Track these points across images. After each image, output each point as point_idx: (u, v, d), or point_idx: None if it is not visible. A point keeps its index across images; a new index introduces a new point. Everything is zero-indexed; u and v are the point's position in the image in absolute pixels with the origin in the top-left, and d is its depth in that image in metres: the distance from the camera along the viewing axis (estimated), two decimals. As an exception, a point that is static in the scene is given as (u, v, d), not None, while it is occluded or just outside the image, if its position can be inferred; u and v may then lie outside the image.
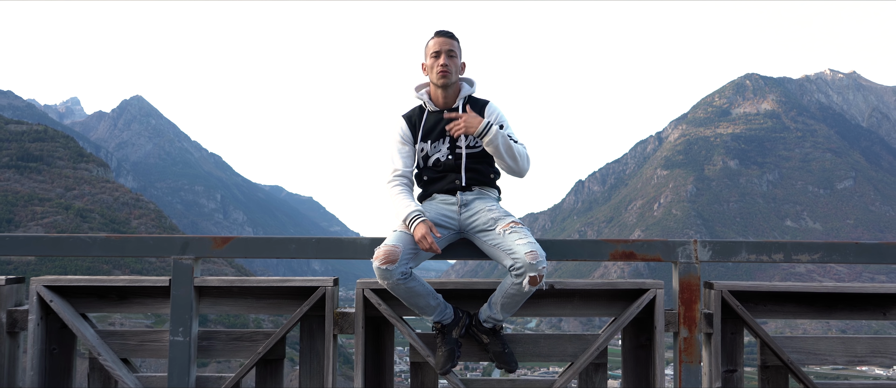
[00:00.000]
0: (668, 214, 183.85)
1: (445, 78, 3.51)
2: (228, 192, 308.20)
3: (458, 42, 3.58)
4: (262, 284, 3.68)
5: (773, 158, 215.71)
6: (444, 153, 3.56)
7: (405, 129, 3.62)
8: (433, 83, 3.57)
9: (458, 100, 3.60)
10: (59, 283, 3.68)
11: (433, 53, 3.53)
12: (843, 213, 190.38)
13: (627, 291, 3.65)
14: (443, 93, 3.57)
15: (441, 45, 3.53)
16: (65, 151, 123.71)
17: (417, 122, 3.62)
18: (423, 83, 3.68)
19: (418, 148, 3.59)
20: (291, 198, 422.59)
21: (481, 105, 3.62)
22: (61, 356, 3.74)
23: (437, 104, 3.61)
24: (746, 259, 3.62)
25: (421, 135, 3.58)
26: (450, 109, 3.59)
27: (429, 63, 3.56)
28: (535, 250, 3.21)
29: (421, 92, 3.64)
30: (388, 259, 3.23)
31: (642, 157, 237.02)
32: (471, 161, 3.55)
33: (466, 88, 3.63)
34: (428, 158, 3.58)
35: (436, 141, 3.56)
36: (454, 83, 3.57)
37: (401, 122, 3.64)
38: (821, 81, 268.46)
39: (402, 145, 3.59)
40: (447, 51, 3.52)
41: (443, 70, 3.50)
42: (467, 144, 3.54)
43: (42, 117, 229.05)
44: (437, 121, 3.58)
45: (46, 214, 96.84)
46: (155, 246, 3.66)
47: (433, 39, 3.57)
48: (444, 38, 3.54)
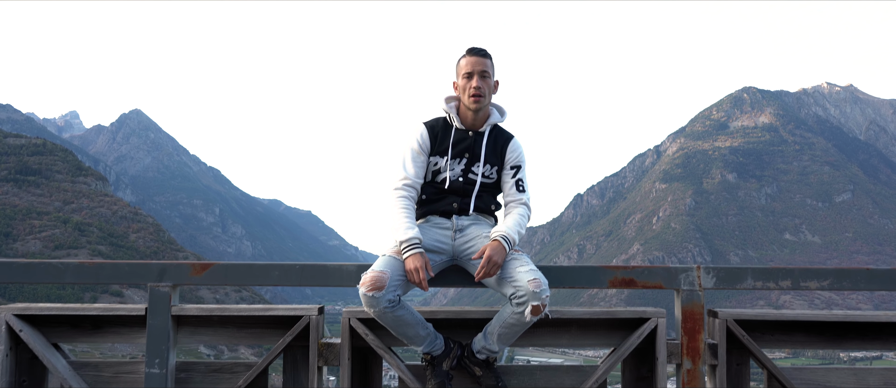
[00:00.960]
0: (667, 227, 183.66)
1: (478, 102, 3.34)
2: (227, 206, 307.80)
3: (491, 60, 3.39)
4: (244, 313, 3.50)
5: (772, 171, 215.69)
6: (457, 174, 3.38)
7: (426, 137, 3.41)
8: (465, 104, 3.39)
9: (485, 125, 3.43)
10: (29, 312, 3.49)
11: (465, 74, 3.35)
12: (842, 226, 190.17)
13: (627, 320, 3.48)
14: (472, 115, 3.40)
15: (474, 65, 3.34)
16: (63, 164, 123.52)
17: (440, 134, 3.42)
18: (454, 96, 3.49)
19: (432, 161, 3.41)
20: (290, 212, 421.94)
21: (506, 138, 3.48)
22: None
23: (465, 123, 3.43)
24: (752, 286, 3.44)
25: (439, 150, 3.40)
26: (476, 131, 3.42)
27: (461, 84, 3.38)
28: (538, 277, 3.04)
29: (450, 104, 3.46)
30: (375, 286, 3.05)
31: (641, 170, 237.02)
32: (481, 189, 3.40)
33: (496, 116, 3.46)
34: (437, 175, 3.41)
35: (452, 160, 3.38)
36: (485, 106, 3.40)
37: (422, 129, 3.43)
38: (818, 95, 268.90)
39: (418, 154, 3.39)
40: (480, 71, 3.33)
41: (476, 93, 3.32)
42: (484, 172, 3.38)
43: (41, 131, 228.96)
44: (460, 140, 3.40)
45: (44, 227, 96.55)
46: (130, 273, 3.48)
47: (465, 58, 3.38)
48: (477, 58, 3.35)
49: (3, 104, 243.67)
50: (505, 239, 3.19)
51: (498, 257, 3.13)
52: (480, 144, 3.41)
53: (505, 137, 3.48)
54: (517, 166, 3.46)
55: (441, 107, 3.46)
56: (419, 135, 3.41)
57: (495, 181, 3.47)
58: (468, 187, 3.40)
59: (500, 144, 3.46)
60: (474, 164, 3.40)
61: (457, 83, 3.42)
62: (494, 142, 3.45)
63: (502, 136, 3.49)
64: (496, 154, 3.44)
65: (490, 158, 3.42)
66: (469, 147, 3.40)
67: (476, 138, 3.41)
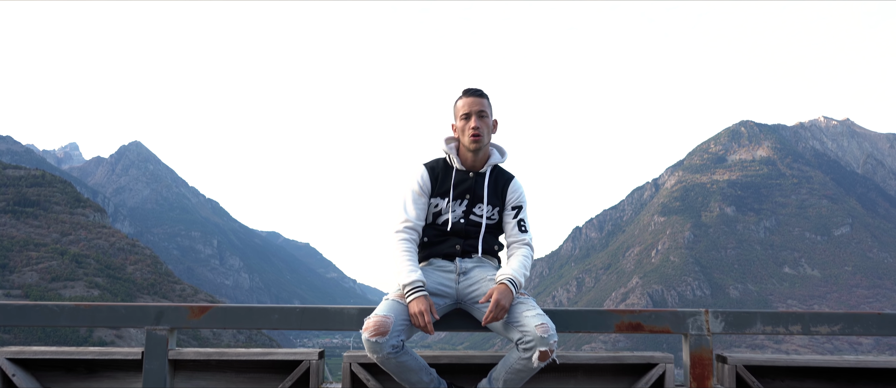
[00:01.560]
0: (666, 260, 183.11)
1: (477, 142, 3.31)
2: (225, 238, 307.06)
3: (488, 100, 3.37)
4: (242, 357, 3.42)
5: (770, 204, 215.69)
6: (458, 216, 3.34)
7: (426, 179, 3.38)
8: (464, 145, 3.36)
9: (485, 165, 3.40)
10: (22, 356, 3.42)
11: (463, 115, 3.33)
12: (841, 260, 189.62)
13: (635, 365, 3.40)
14: (472, 156, 3.37)
15: (471, 105, 3.32)
16: (62, 196, 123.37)
17: (441, 175, 3.39)
18: (453, 137, 3.47)
19: (432, 203, 3.37)
20: (288, 244, 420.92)
21: (507, 179, 3.45)
22: (23, 434, 3.46)
23: (465, 164, 3.40)
24: (761, 331, 3.37)
25: (440, 191, 3.36)
26: (476, 172, 3.39)
27: (459, 125, 3.36)
28: (545, 322, 2.98)
29: (450, 146, 3.43)
30: (378, 331, 2.98)
31: (639, 203, 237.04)
32: (485, 231, 3.36)
33: (496, 156, 3.44)
34: (438, 216, 3.36)
35: (454, 201, 3.34)
36: (485, 146, 3.37)
37: (422, 170, 3.40)
38: (815, 128, 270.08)
39: (419, 196, 3.35)
40: (477, 111, 3.31)
41: (475, 134, 3.29)
42: (487, 214, 3.34)
43: (40, 162, 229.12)
44: (461, 181, 3.37)
45: (42, 259, 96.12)
46: (127, 316, 3.41)
47: (462, 99, 3.36)
48: (474, 98, 3.33)
49: (3, 136, 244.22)
50: (511, 282, 3.14)
51: (505, 300, 3.07)
52: (482, 185, 3.37)
53: (505, 178, 3.45)
54: (519, 207, 3.42)
55: (441, 148, 3.44)
56: (420, 177, 3.38)
57: (498, 222, 3.43)
58: (470, 229, 3.35)
59: (501, 184, 3.43)
60: (476, 205, 3.36)
61: (455, 125, 3.40)
62: (495, 183, 3.42)
63: (503, 176, 3.45)
64: (497, 195, 3.41)
65: (492, 199, 3.38)
66: (470, 188, 3.36)
67: (477, 179, 3.38)
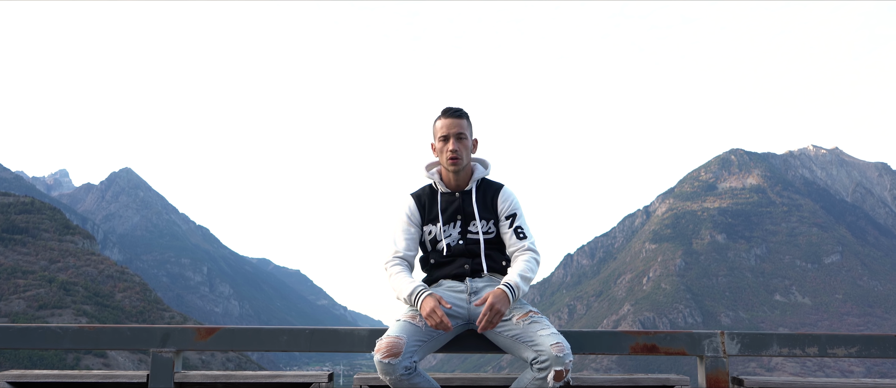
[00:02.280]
0: (658, 288, 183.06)
1: (456, 164, 3.29)
2: (215, 264, 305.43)
3: (467, 120, 3.35)
4: (250, 380, 3.35)
5: (761, 232, 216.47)
6: (454, 238, 3.31)
7: (414, 208, 3.37)
8: (443, 167, 3.35)
9: (470, 182, 3.37)
10: (24, 379, 3.34)
11: (441, 137, 3.31)
12: (832, 287, 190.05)
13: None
14: (454, 176, 3.35)
15: (449, 127, 3.29)
16: (51, 223, 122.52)
17: (427, 202, 3.37)
18: (434, 162, 3.46)
19: (426, 230, 3.35)
20: (279, 271, 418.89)
21: (495, 189, 3.40)
22: (23, 460, 3.37)
23: (449, 186, 3.38)
24: (778, 353, 3.33)
25: (430, 217, 3.34)
26: (462, 191, 3.36)
27: (438, 146, 3.34)
28: (561, 342, 2.93)
29: (432, 171, 3.41)
30: (390, 352, 2.93)
31: (630, 231, 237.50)
32: (487, 247, 3.31)
33: (480, 171, 3.41)
34: (436, 242, 3.33)
35: (446, 224, 3.32)
36: (465, 167, 3.35)
37: (409, 201, 3.39)
38: (804, 157, 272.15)
39: (408, 226, 3.34)
40: (455, 134, 3.28)
41: (453, 157, 3.27)
42: (482, 229, 3.31)
43: (30, 189, 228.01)
44: (449, 203, 3.34)
45: (29, 287, 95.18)
46: (132, 338, 3.34)
47: (440, 120, 3.34)
48: (453, 119, 3.31)
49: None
50: (508, 287, 3.08)
51: (501, 305, 3.01)
52: (470, 202, 3.34)
53: (493, 189, 3.41)
54: (512, 215, 3.35)
55: (424, 175, 3.43)
56: (407, 207, 3.37)
57: (496, 235, 3.37)
58: (472, 248, 3.31)
59: (490, 196, 3.38)
60: (470, 223, 3.32)
61: (434, 145, 3.38)
62: (484, 196, 3.37)
63: (491, 188, 3.41)
64: (488, 208, 3.36)
65: (483, 213, 3.34)
66: (459, 208, 3.33)
67: (464, 198, 3.35)
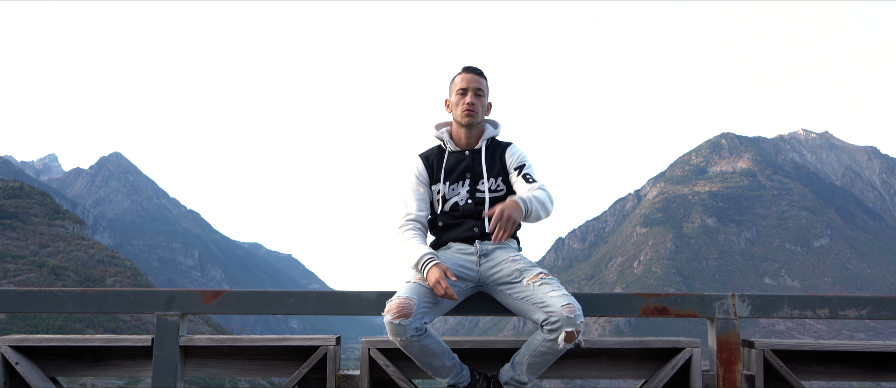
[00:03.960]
0: (649, 271, 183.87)
1: (470, 117, 3.24)
2: (206, 249, 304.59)
3: (486, 81, 3.32)
4: (256, 343, 3.31)
5: (751, 215, 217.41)
6: (463, 197, 3.26)
7: (422, 169, 3.32)
8: (456, 121, 3.29)
9: (480, 141, 3.32)
10: (26, 343, 3.29)
11: (459, 90, 3.26)
12: (821, 270, 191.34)
13: (660, 350, 3.32)
14: (466, 133, 3.30)
15: (469, 82, 3.26)
16: (40, 207, 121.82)
17: (436, 162, 3.32)
18: (444, 122, 3.41)
19: (435, 190, 3.30)
20: (270, 255, 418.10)
21: (503, 147, 3.36)
22: (26, 426, 3.32)
23: (459, 144, 3.33)
24: (789, 315, 3.32)
25: (438, 177, 3.29)
26: (472, 150, 3.31)
27: (454, 100, 3.29)
28: (572, 302, 2.88)
29: (441, 130, 3.36)
30: (401, 313, 2.88)
31: (621, 214, 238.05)
32: (492, 205, 3.25)
33: (490, 130, 3.36)
34: (445, 202, 3.28)
35: (454, 183, 3.27)
36: (478, 124, 3.30)
37: (417, 161, 3.34)
38: (794, 141, 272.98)
39: (417, 187, 3.29)
40: (475, 89, 3.25)
41: (469, 109, 3.23)
42: (490, 187, 3.26)
43: (18, 174, 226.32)
44: (458, 162, 3.29)
45: (19, 271, 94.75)
46: (136, 301, 3.29)
47: (460, 75, 3.30)
48: (473, 75, 3.28)
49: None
50: (520, 199, 3.01)
51: (512, 211, 2.92)
52: (479, 160, 3.30)
53: (502, 147, 3.37)
54: (520, 165, 3.29)
55: (432, 134, 3.38)
56: (416, 168, 3.33)
57: (505, 193, 3.30)
58: (480, 208, 3.26)
59: (498, 153, 3.33)
60: (478, 182, 3.27)
61: (449, 101, 3.33)
62: (492, 154, 3.33)
63: (499, 146, 3.37)
64: (497, 166, 3.31)
65: (492, 171, 3.29)
66: (468, 167, 3.28)
67: (473, 156, 3.30)
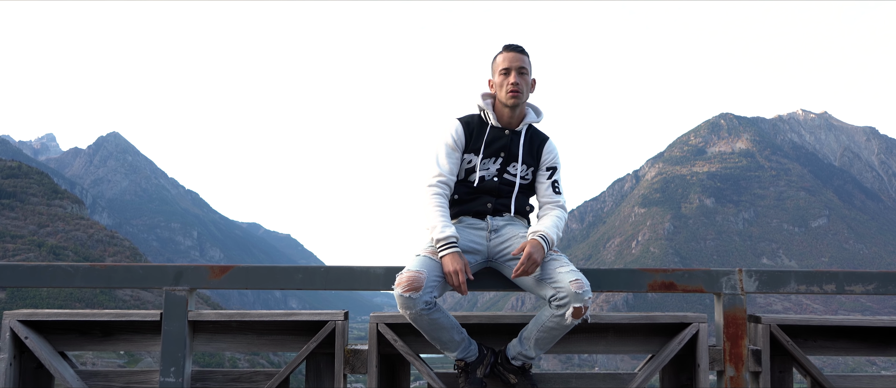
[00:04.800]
0: (646, 252, 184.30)
1: (516, 98, 3.21)
2: (205, 229, 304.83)
3: (528, 57, 3.27)
4: (264, 318, 3.32)
5: (749, 196, 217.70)
6: (491, 173, 3.25)
7: (461, 133, 3.27)
8: (501, 101, 3.26)
9: (521, 124, 3.30)
10: (35, 318, 3.29)
11: (502, 70, 3.22)
12: (818, 251, 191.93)
13: (667, 325, 3.34)
14: (509, 112, 3.27)
15: (511, 61, 3.22)
16: (39, 187, 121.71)
17: (476, 131, 3.28)
18: (490, 93, 3.36)
19: (466, 159, 3.27)
20: (269, 235, 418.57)
21: (542, 139, 3.36)
22: (36, 399, 3.34)
23: (501, 121, 3.30)
24: (795, 290, 3.33)
25: (473, 147, 3.26)
26: (512, 130, 3.29)
27: (497, 80, 3.25)
28: (580, 278, 2.89)
29: (486, 101, 3.33)
30: (411, 286, 2.88)
31: (620, 195, 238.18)
32: (519, 191, 3.27)
33: (532, 116, 3.34)
34: (470, 173, 3.26)
35: (487, 158, 3.25)
36: (523, 104, 3.28)
37: (456, 124, 3.29)
38: (793, 121, 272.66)
39: (452, 150, 3.25)
40: (518, 68, 3.21)
41: (514, 90, 3.19)
42: (521, 174, 3.25)
43: (16, 153, 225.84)
44: (497, 138, 3.27)
45: (18, 251, 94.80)
46: (145, 276, 3.29)
47: (502, 54, 3.26)
48: (515, 54, 3.24)
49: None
50: (544, 239, 3.06)
51: (538, 254, 2.99)
52: (517, 143, 3.29)
53: (541, 138, 3.37)
54: (553, 168, 3.35)
55: (477, 103, 3.34)
56: (454, 130, 3.28)
57: (530, 182, 3.34)
58: (503, 188, 3.26)
59: (536, 144, 3.34)
60: (510, 164, 3.27)
61: (493, 81, 3.30)
62: (530, 142, 3.33)
63: (538, 137, 3.37)
64: (532, 155, 3.32)
65: (527, 158, 3.30)
66: (505, 146, 3.27)
67: (513, 137, 3.29)
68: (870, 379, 3.41)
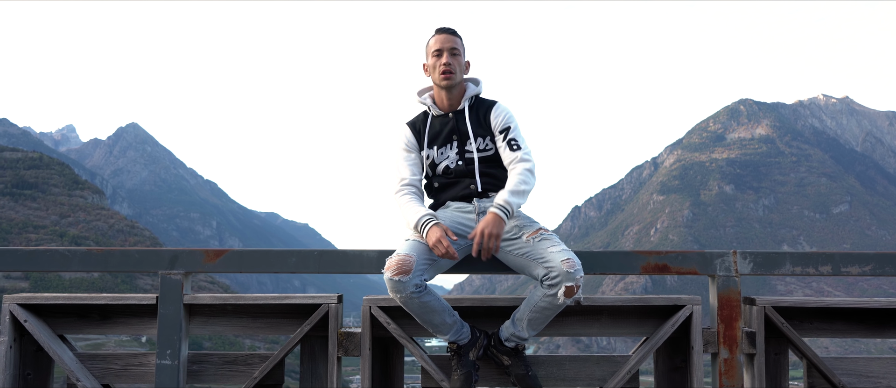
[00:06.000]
0: (665, 239, 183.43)
1: (448, 79, 3.22)
2: (224, 219, 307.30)
3: (460, 39, 3.29)
4: (259, 301, 3.34)
5: (769, 182, 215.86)
6: (452, 159, 3.26)
7: (410, 136, 3.33)
8: (436, 84, 3.28)
9: (462, 101, 3.30)
10: (34, 301, 3.34)
11: (434, 52, 3.24)
12: (840, 237, 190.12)
13: (661, 307, 3.32)
14: (447, 95, 3.28)
15: (443, 42, 3.24)
16: (60, 178, 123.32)
17: (422, 128, 3.33)
18: (426, 87, 3.40)
19: (424, 155, 3.30)
20: (287, 224, 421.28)
21: (488, 106, 3.32)
22: (36, 381, 3.39)
23: (442, 107, 3.32)
24: (791, 272, 3.30)
25: (426, 141, 3.29)
26: (455, 111, 3.30)
27: (430, 63, 3.27)
28: (571, 257, 2.89)
29: (424, 96, 3.36)
30: (400, 269, 2.90)
31: (638, 182, 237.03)
32: (484, 166, 3.25)
33: (472, 88, 3.33)
34: (436, 166, 3.29)
35: (442, 147, 3.28)
36: (458, 84, 3.28)
37: (404, 129, 3.36)
38: (814, 106, 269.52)
39: (407, 154, 3.31)
40: (450, 48, 3.23)
41: (445, 70, 3.21)
42: (478, 147, 3.25)
43: (37, 145, 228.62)
44: (443, 125, 3.28)
45: (41, 241, 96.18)
46: (141, 260, 3.33)
47: (434, 37, 3.28)
48: (446, 35, 3.26)
49: (0, 119, 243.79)
50: (501, 208, 3.02)
51: (493, 227, 2.97)
52: (463, 120, 3.28)
53: (486, 105, 3.33)
54: (505, 128, 3.26)
55: (416, 101, 3.38)
56: (404, 136, 3.34)
57: (494, 153, 3.29)
58: (469, 168, 3.25)
59: (483, 113, 3.31)
60: (466, 143, 3.26)
61: (427, 64, 3.31)
62: (477, 113, 3.31)
63: (483, 105, 3.34)
64: (482, 126, 3.28)
65: (478, 130, 3.27)
66: (453, 129, 3.27)
67: (458, 118, 3.29)
68: (867, 361, 3.38)
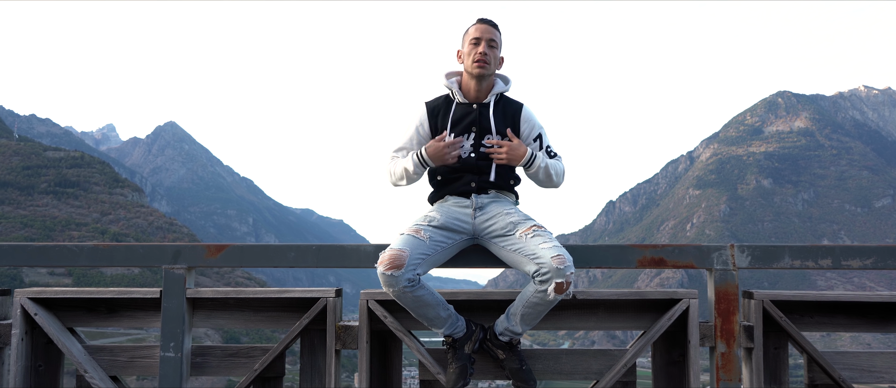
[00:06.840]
0: (702, 234, 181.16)
1: (482, 68, 3.20)
2: (260, 216, 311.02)
3: (500, 33, 3.28)
4: (260, 295, 3.41)
5: (808, 176, 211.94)
6: (466, 149, 3.25)
7: (425, 118, 3.31)
8: (467, 72, 3.26)
9: (489, 96, 3.29)
10: (44, 295, 3.44)
11: (473, 40, 3.23)
12: (882, 231, 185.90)
13: (658, 301, 3.31)
14: (476, 85, 3.26)
15: (483, 32, 3.23)
16: (101, 176, 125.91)
17: (442, 112, 3.30)
18: (454, 71, 3.38)
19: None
20: (322, 221, 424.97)
21: (515, 108, 3.32)
22: (47, 373, 3.50)
23: (468, 96, 3.30)
24: (790, 265, 3.26)
25: (447, 126, 3.26)
26: (480, 103, 3.28)
27: (466, 50, 3.25)
28: (562, 254, 2.89)
29: (451, 80, 3.34)
30: (393, 264, 2.93)
31: (674, 176, 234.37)
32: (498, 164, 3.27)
33: (500, 85, 3.32)
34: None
35: (459, 135, 3.25)
36: (490, 76, 3.27)
37: (422, 109, 3.33)
38: (855, 98, 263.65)
39: (413, 134, 3.31)
40: (488, 40, 3.21)
41: (481, 59, 3.19)
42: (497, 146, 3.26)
43: (79, 144, 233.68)
44: (465, 114, 3.27)
45: (83, 238, 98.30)
46: (145, 255, 3.41)
47: (474, 26, 3.27)
48: (487, 26, 3.24)
49: (43, 118, 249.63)
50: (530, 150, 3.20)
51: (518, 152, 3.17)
52: (487, 115, 3.26)
53: (514, 107, 3.32)
54: (539, 136, 3.31)
55: (442, 83, 3.35)
56: (419, 115, 3.33)
57: None
58: (482, 164, 3.26)
59: (510, 114, 3.30)
60: (484, 137, 3.26)
61: (461, 51, 3.30)
62: (503, 112, 3.29)
63: (511, 106, 3.32)
64: (507, 124, 3.28)
65: (501, 128, 3.27)
66: (475, 120, 3.26)
67: (481, 110, 3.27)
68: (868, 356, 3.33)
